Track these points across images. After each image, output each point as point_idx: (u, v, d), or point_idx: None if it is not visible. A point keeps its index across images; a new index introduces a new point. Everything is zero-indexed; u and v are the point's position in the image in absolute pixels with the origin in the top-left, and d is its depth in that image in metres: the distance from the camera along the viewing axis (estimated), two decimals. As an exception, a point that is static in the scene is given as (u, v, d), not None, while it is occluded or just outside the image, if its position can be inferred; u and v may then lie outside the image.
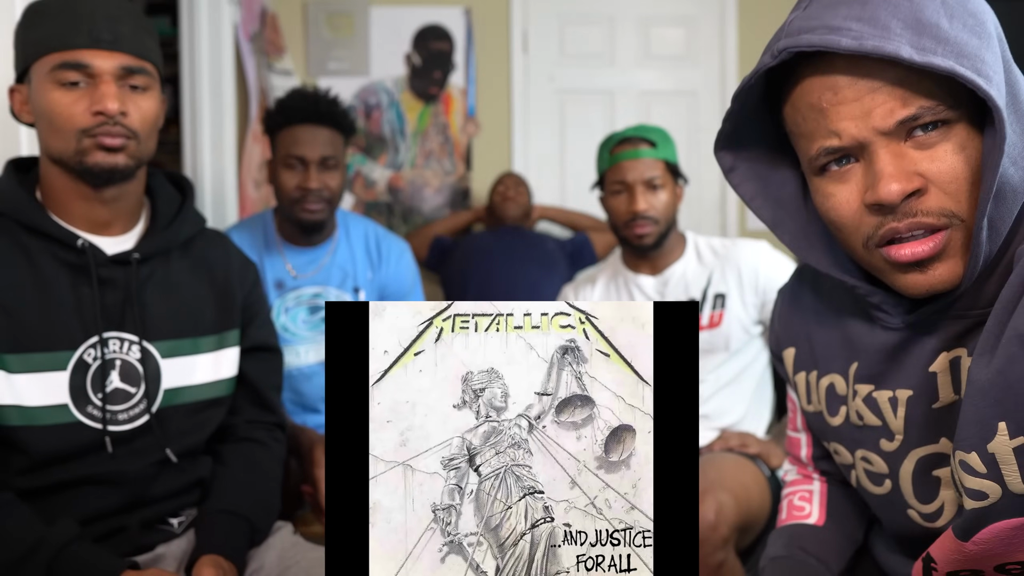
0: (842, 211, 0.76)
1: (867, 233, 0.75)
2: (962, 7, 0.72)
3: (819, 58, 0.74)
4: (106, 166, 1.17)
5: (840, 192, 0.76)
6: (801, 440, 1.08)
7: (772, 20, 3.63)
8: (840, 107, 0.73)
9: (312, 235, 1.99)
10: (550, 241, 3.10)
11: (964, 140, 0.71)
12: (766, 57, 0.76)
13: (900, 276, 0.76)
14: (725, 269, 1.95)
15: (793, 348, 0.99)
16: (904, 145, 0.72)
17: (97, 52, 1.15)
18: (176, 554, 1.24)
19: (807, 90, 0.75)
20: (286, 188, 1.91)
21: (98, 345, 1.20)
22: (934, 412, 0.81)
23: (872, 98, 0.71)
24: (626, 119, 3.52)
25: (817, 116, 0.75)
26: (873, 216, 0.74)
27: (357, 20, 3.54)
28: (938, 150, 0.71)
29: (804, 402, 0.99)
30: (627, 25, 3.67)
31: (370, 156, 3.58)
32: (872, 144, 0.72)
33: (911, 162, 0.72)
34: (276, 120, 1.95)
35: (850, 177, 0.75)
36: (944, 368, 0.79)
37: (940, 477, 0.83)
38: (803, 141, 0.78)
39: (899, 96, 0.70)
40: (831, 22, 0.71)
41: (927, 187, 0.72)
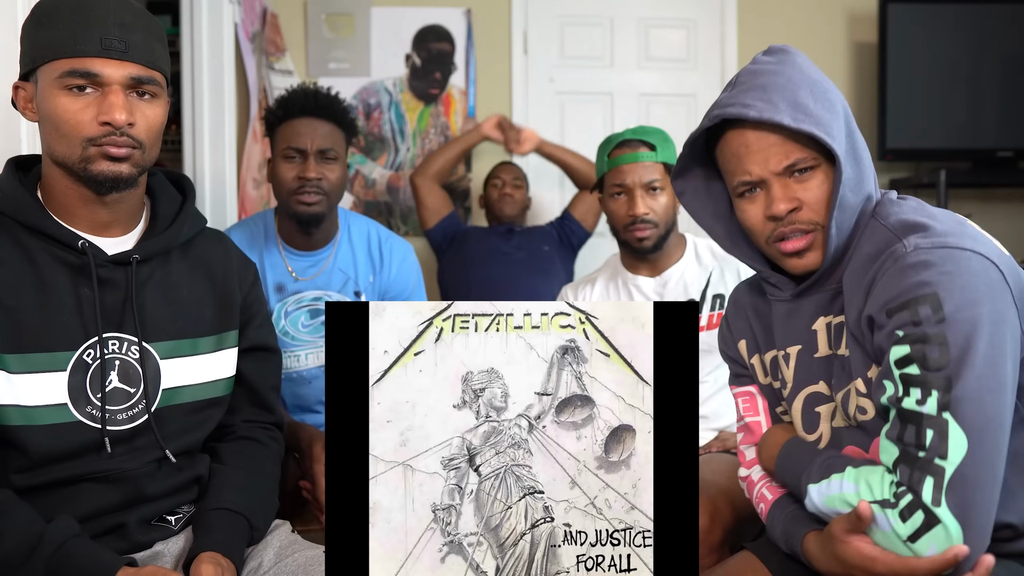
0: (753, 221, 1.17)
1: (767, 234, 1.16)
2: (822, 95, 1.13)
3: (738, 123, 1.14)
4: (110, 175, 1.17)
5: (751, 209, 1.16)
6: (762, 421, 1.30)
7: (771, 22, 3.64)
8: (750, 155, 1.13)
9: (311, 233, 1.96)
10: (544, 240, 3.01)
11: (824, 177, 1.12)
12: (705, 121, 1.17)
13: (787, 260, 1.16)
14: (724, 270, 1.95)
15: (744, 339, 1.32)
16: (789, 180, 1.12)
17: (107, 61, 1.15)
18: (174, 552, 1.24)
19: (730, 142, 1.16)
20: (284, 180, 1.90)
21: (97, 345, 1.20)
22: (815, 360, 1.18)
23: (769, 150, 1.12)
24: (626, 121, 3.52)
25: (737, 160, 1.15)
26: (770, 223, 1.15)
27: (358, 20, 3.54)
28: (809, 183, 1.12)
29: (762, 377, 1.29)
30: (627, 27, 3.67)
31: (370, 156, 3.58)
32: (769, 180, 1.13)
33: (792, 190, 1.12)
34: (276, 115, 1.94)
35: (756, 200, 1.16)
36: (822, 328, 1.18)
37: (820, 412, 1.18)
38: (728, 175, 1.19)
39: (784, 150, 1.12)
40: (744, 100, 1.12)
41: (802, 206, 1.12)
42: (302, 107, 1.91)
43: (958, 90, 3.52)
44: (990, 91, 3.53)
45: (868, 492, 1.01)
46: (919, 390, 0.98)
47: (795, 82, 1.13)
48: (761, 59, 1.18)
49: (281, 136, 1.92)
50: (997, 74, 3.52)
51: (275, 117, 1.94)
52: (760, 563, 1.23)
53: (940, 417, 0.97)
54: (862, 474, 1.03)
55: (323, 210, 1.91)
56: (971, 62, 3.51)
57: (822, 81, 1.16)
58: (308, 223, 1.93)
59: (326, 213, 1.93)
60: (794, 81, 1.13)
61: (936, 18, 3.49)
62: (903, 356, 1.00)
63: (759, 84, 1.13)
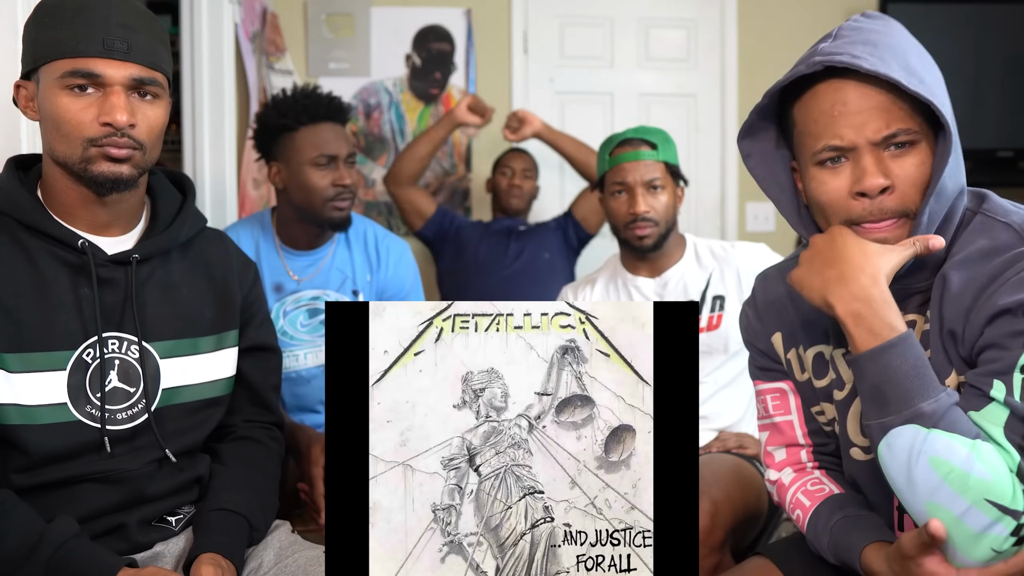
0: (832, 196, 1.02)
1: (850, 214, 1.01)
2: (930, 64, 1.02)
3: (836, 76, 0.99)
4: (111, 176, 1.17)
5: (832, 182, 1.02)
6: (794, 420, 1.20)
7: (772, 23, 3.64)
8: (846, 116, 0.98)
9: (313, 233, 1.98)
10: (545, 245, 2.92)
11: (923, 156, 0.99)
12: (801, 67, 1.01)
13: None
14: (724, 271, 1.95)
15: (780, 332, 1.19)
16: (883, 153, 0.99)
17: (109, 62, 1.15)
18: (174, 552, 1.24)
19: (822, 98, 1.00)
20: (319, 187, 1.88)
21: (97, 345, 1.20)
22: None
23: (868, 114, 0.98)
24: (626, 121, 3.51)
25: (827, 120, 1.00)
26: (855, 201, 1.00)
27: (358, 20, 3.54)
28: (905, 161, 0.99)
29: (799, 374, 1.18)
30: (627, 27, 3.67)
31: (370, 156, 3.58)
32: (861, 149, 0.99)
33: (886, 166, 0.99)
34: (299, 119, 1.89)
35: (841, 171, 1.01)
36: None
37: None
38: (809, 138, 1.03)
39: (886, 117, 0.98)
40: (853, 51, 0.98)
41: (894, 187, 0.99)
42: (325, 113, 1.90)
43: (958, 90, 3.50)
44: (990, 91, 3.53)
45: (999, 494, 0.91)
46: None
47: (904, 46, 1.00)
48: (862, 19, 1.05)
49: (307, 143, 1.88)
50: (997, 74, 3.52)
51: (293, 122, 1.89)
52: (776, 569, 1.17)
53: None
54: (994, 469, 0.92)
55: (350, 214, 1.95)
56: (971, 62, 3.50)
57: (926, 54, 1.04)
58: (339, 227, 1.95)
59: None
60: (903, 45, 1.00)
61: (936, 18, 3.49)
62: None
63: (868, 39, 0.99)
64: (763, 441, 1.24)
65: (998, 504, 0.90)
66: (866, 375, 0.98)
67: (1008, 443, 0.92)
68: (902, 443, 0.94)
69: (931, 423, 0.93)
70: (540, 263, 2.88)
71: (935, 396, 0.94)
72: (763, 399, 1.24)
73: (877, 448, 0.98)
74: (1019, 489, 0.91)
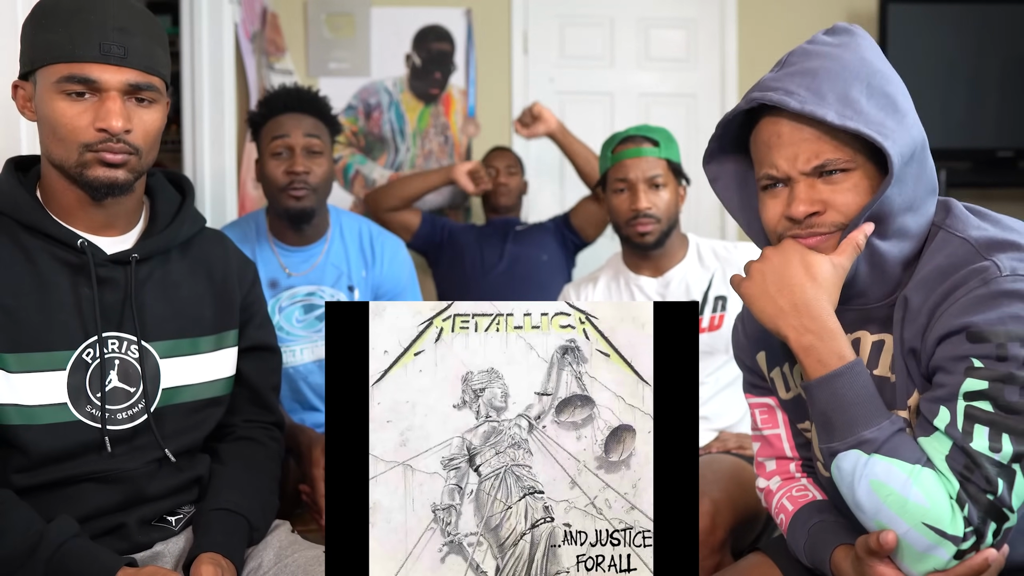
0: (768, 217, 1.08)
1: (778, 233, 1.08)
2: (880, 89, 1.02)
3: (776, 109, 1.04)
4: (106, 180, 1.17)
5: (771, 204, 1.08)
6: (782, 434, 1.23)
7: (771, 23, 3.64)
8: (780, 148, 1.04)
9: (303, 229, 1.97)
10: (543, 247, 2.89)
11: (859, 182, 1.02)
12: (742, 102, 1.07)
13: None
14: (727, 271, 1.95)
15: (763, 351, 1.22)
16: (817, 180, 1.03)
17: (106, 67, 1.14)
18: (174, 552, 1.24)
19: (763, 129, 1.06)
20: (273, 176, 1.91)
21: (97, 345, 1.20)
22: None
23: (799, 147, 1.02)
24: (626, 121, 3.51)
25: (765, 150, 1.06)
26: (785, 223, 1.06)
27: (358, 20, 3.54)
28: (839, 187, 1.03)
29: (783, 392, 1.20)
30: (627, 27, 3.67)
31: (370, 156, 3.58)
32: (795, 179, 1.04)
33: (818, 192, 1.03)
34: (260, 114, 1.96)
35: (778, 196, 1.07)
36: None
37: None
38: (756, 165, 1.10)
39: (815, 149, 1.02)
40: (788, 87, 1.02)
41: (826, 209, 1.03)
42: (285, 104, 1.93)
43: (958, 90, 3.51)
44: (990, 91, 3.53)
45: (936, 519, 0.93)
46: (987, 430, 0.93)
47: (852, 71, 1.02)
48: (820, 39, 1.07)
49: (266, 134, 1.94)
50: (997, 74, 3.52)
51: (259, 116, 1.96)
52: (773, 565, 1.19)
53: (1010, 467, 0.93)
54: (931, 495, 0.94)
55: (312, 205, 1.93)
56: (971, 62, 3.50)
57: (884, 71, 1.05)
58: (299, 219, 1.94)
59: (316, 208, 1.95)
60: (851, 70, 1.02)
61: (936, 18, 3.49)
62: (977, 390, 0.94)
63: (810, 68, 1.02)
64: (755, 451, 1.28)
65: (936, 528, 0.93)
66: (815, 402, 1.02)
67: (949, 471, 0.95)
68: (847, 466, 0.99)
69: (873, 448, 0.98)
70: (539, 265, 2.85)
71: (878, 423, 0.98)
72: (753, 412, 1.28)
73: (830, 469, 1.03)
74: (959, 515, 0.93)
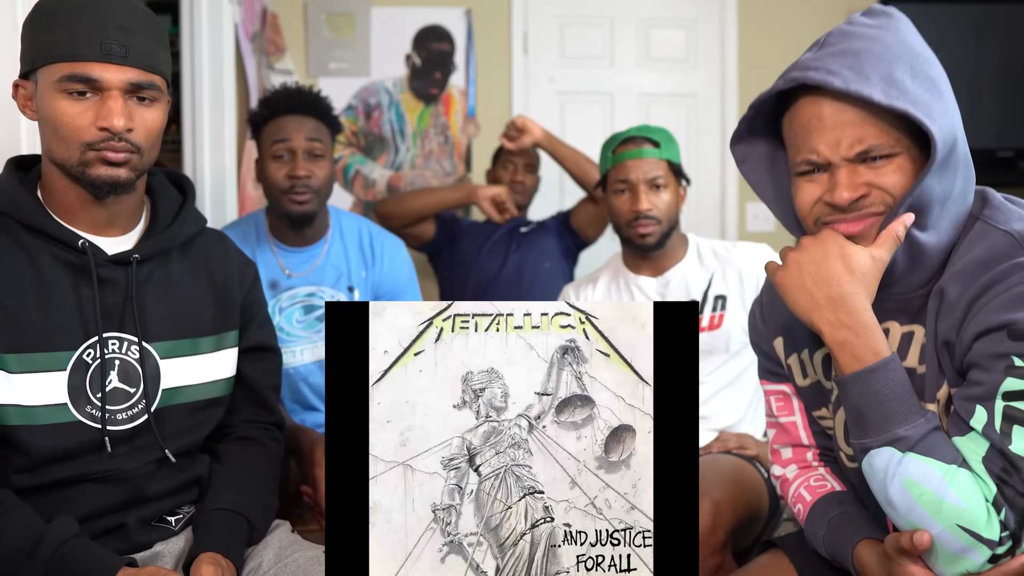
0: (805, 201, 1.04)
1: (815, 216, 1.03)
2: (923, 72, 1.00)
3: (815, 90, 0.99)
4: (108, 179, 1.17)
5: (808, 189, 1.03)
6: (798, 421, 1.22)
7: (772, 23, 3.64)
8: (821, 132, 1.00)
9: (303, 230, 1.97)
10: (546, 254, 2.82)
11: (904, 165, 0.99)
12: (779, 81, 1.02)
13: None
14: (726, 271, 1.95)
15: (781, 337, 1.20)
16: (859, 167, 1.00)
17: (107, 66, 1.14)
18: (174, 552, 1.24)
19: (801, 112, 1.02)
20: (274, 179, 1.91)
21: (97, 345, 1.20)
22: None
23: (842, 130, 0.98)
24: (626, 121, 3.51)
25: (804, 134, 1.01)
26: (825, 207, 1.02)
27: (358, 20, 3.54)
28: (883, 170, 0.99)
29: (800, 379, 1.18)
30: (627, 27, 3.67)
31: (370, 156, 3.58)
32: (836, 165, 1.00)
33: (861, 176, 0.99)
34: (261, 115, 1.95)
35: (817, 181, 1.03)
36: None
37: None
38: (792, 150, 1.05)
39: (859, 133, 0.98)
40: (831, 66, 0.98)
41: (871, 192, 1.00)
42: (286, 105, 1.92)
43: (958, 90, 3.48)
44: (990, 91, 3.53)
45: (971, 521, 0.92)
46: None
47: (894, 52, 0.98)
48: (859, 20, 1.03)
49: (267, 135, 1.93)
50: (997, 74, 3.52)
51: (260, 117, 1.95)
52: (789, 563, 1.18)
53: None
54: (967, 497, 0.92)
55: (314, 208, 1.93)
56: (971, 62, 3.50)
57: (926, 55, 1.02)
58: (300, 222, 1.95)
59: (317, 210, 1.95)
60: (893, 51, 0.98)
61: (936, 18, 3.49)
62: (1018, 390, 0.91)
63: (851, 49, 0.98)
64: (770, 438, 1.26)
65: (971, 531, 0.92)
66: (849, 397, 1.00)
67: (986, 473, 0.93)
68: (879, 463, 0.97)
69: (907, 447, 0.96)
70: (541, 273, 2.79)
71: (913, 421, 0.96)
72: (768, 399, 1.26)
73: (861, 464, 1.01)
74: (995, 519, 0.92)
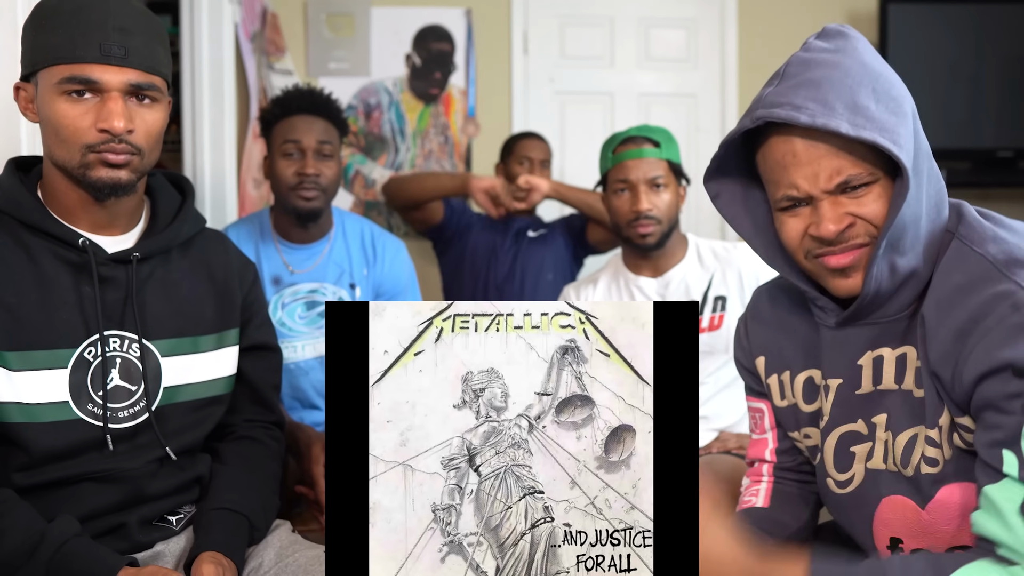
0: (791, 235, 1.03)
1: (806, 248, 1.03)
2: (886, 93, 0.98)
3: (784, 126, 0.98)
4: (109, 181, 1.17)
5: (792, 223, 1.03)
6: (768, 438, 1.25)
7: (772, 23, 3.64)
8: (797, 167, 0.99)
9: (307, 227, 2.01)
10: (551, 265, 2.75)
11: (882, 191, 0.98)
12: (746, 120, 1.01)
13: (830, 279, 1.03)
14: (726, 272, 1.95)
15: (763, 356, 1.20)
16: (840, 197, 0.99)
17: (107, 68, 1.14)
18: (175, 552, 1.25)
19: (774, 148, 1.01)
20: (283, 176, 1.95)
21: (98, 343, 1.20)
22: (856, 398, 1.06)
23: (818, 164, 0.97)
24: (626, 121, 3.52)
25: (780, 170, 1.00)
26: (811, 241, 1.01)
27: (358, 20, 3.54)
28: (864, 199, 0.98)
29: (778, 400, 1.19)
30: (627, 27, 3.67)
31: (370, 156, 3.58)
32: (818, 198, 0.99)
33: (844, 207, 0.98)
34: (273, 113, 1.99)
35: (800, 215, 1.02)
36: (868, 363, 1.05)
37: (855, 452, 1.07)
38: (770, 185, 1.04)
39: (836, 165, 0.97)
40: (794, 101, 0.96)
41: (856, 222, 0.99)
42: (299, 105, 1.96)
43: (958, 90, 3.51)
44: (990, 91, 3.53)
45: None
46: None
47: (855, 77, 0.97)
48: (815, 45, 1.01)
49: (279, 133, 1.97)
50: (997, 74, 3.52)
51: (272, 115, 1.99)
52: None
53: None
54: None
55: (321, 205, 1.97)
56: (971, 62, 3.50)
57: (886, 74, 1.00)
58: (306, 218, 1.99)
59: (323, 208, 1.99)
60: (854, 76, 0.97)
61: (936, 18, 3.49)
62: None
63: (812, 79, 0.97)
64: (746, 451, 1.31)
65: None
66: None
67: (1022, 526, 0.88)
68: None
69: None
70: (544, 284, 2.74)
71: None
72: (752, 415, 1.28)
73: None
74: None
